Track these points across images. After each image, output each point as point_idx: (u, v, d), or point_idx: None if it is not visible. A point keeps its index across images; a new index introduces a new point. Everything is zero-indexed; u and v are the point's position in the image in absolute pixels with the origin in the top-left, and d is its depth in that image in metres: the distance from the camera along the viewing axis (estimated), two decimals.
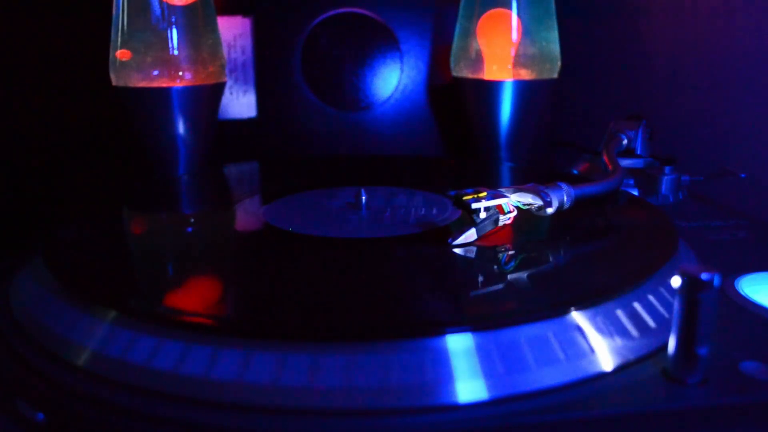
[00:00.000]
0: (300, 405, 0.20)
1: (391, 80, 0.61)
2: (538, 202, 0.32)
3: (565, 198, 0.33)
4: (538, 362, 0.21)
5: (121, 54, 0.47)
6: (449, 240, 0.30)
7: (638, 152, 0.46)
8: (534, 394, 0.21)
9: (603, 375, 0.22)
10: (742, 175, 0.43)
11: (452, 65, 0.56)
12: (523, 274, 0.27)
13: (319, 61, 0.59)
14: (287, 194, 0.40)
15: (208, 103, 0.50)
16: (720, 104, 0.52)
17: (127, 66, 0.47)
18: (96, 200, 0.39)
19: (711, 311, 0.20)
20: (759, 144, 0.48)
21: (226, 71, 0.53)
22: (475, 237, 0.31)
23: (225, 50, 0.56)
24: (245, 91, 0.59)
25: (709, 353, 0.21)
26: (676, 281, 0.21)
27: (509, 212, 0.31)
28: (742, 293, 0.28)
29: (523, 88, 0.52)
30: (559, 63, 0.54)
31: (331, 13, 0.59)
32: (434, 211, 0.36)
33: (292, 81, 0.59)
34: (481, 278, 0.28)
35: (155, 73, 0.47)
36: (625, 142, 0.46)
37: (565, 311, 0.23)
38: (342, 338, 0.22)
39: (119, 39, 0.47)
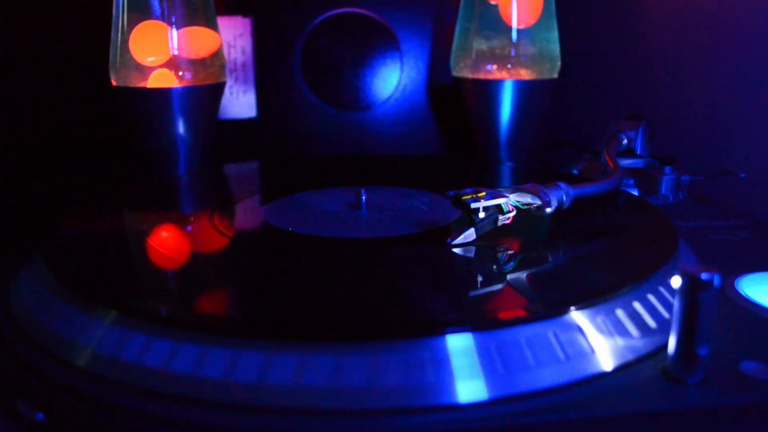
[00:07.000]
0: (287, 405, 0.20)
1: (391, 80, 0.61)
2: (537, 202, 0.32)
3: (564, 198, 0.33)
4: (538, 362, 0.21)
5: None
6: (448, 240, 0.30)
7: (638, 152, 0.46)
8: (534, 394, 0.21)
9: (603, 375, 0.22)
10: (742, 175, 0.43)
11: (452, 65, 0.56)
12: (523, 274, 0.27)
13: (319, 61, 0.59)
14: (287, 194, 0.40)
15: (208, 103, 0.50)
16: (720, 104, 0.52)
17: (127, 66, 0.47)
18: (96, 200, 0.39)
19: (711, 311, 0.20)
20: (759, 144, 0.48)
21: (226, 71, 0.53)
22: (474, 237, 0.31)
23: (225, 50, 0.56)
24: (245, 91, 0.59)
25: (709, 353, 0.21)
26: (676, 281, 0.21)
27: (508, 212, 0.31)
28: (742, 293, 0.28)
29: (523, 88, 0.52)
30: (559, 63, 0.54)
31: (331, 13, 0.59)
32: (434, 211, 0.36)
33: (292, 81, 0.59)
34: (480, 278, 0.27)
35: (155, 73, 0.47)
36: (625, 142, 0.46)
37: (565, 311, 0.23)
38: (339, 339, 0.22)
39: (119, 39, 0.47)
